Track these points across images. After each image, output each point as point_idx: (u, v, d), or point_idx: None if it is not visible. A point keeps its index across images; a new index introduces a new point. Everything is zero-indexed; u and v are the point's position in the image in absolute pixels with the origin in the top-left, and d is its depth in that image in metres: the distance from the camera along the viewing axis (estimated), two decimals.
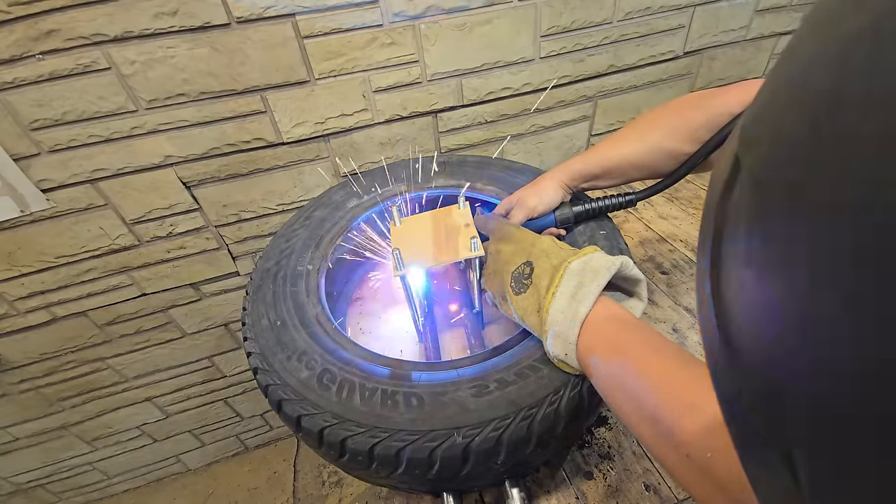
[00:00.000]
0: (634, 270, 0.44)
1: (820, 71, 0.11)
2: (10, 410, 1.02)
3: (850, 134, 0.09)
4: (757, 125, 0.13)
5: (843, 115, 0.09)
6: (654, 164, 0.53)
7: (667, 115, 0.52)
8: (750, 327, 0.12)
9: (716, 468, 0.27)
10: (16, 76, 0.65)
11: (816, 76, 0.11)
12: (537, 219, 0.58)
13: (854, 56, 0.09)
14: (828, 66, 0.10)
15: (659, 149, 0.51)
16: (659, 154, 0.52)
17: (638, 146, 0.53)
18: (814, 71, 0.11)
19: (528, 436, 0.42)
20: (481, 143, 0.99)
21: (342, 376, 0.47)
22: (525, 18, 0.85)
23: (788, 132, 0.11)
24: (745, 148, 0.13)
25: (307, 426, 0.44)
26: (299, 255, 0.63)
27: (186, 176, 0.82)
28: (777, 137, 0.12)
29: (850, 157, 0.09)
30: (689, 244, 0.85)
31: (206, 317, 1.04)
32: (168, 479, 1.40)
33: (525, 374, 0.45)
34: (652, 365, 0.35)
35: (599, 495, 0.53)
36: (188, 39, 0.69)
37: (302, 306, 0.56)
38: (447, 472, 0.42)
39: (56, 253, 0.83)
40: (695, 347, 0.66)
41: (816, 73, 0.11)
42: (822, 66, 0.11)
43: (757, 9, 1.02)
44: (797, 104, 0.11)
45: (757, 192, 0.12)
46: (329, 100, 0.82)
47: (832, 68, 0.10)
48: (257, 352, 0.51)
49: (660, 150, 0.51)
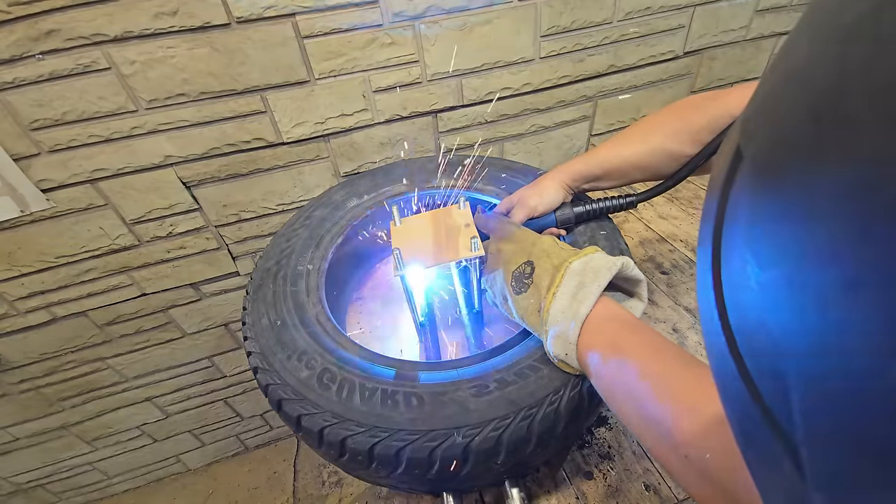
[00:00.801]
0: (635, 271, 0.44)
1: (821, 58, 0.11)
2: (10, 410, 1.02)
3: (853, 118, 0.09)
4: (759, 115, 0.13)
5: (846, 102, 0.09)
6: (655, 165, 0.53)
7: (668, 117, 0.52)
8: (754, 315, 0.12)
9: (715, 469, 0.27)
10: (16, 76, 0.65)
11: (817, 64, 0.11)
12: (538, 218, 0.58)
13: (855, 42, 0.09)
14: (828, 53, 0.10)
15: (661, 150, 0.51)
16: (661, 155, 0.52)
17: (640, 147, 0.53)
18: (815, 59, 0.11)
19: (528, 436, 0.42)
20: (481, 143, 0.99)
21: (342, 376, 0.47)
22: (525, 18, 0.84)
23: (791, 119, 0.11)
24: (748, 138, 0.13)
25: (307, 426, 0.44)
26: (300, 255, 0.63)
27: (186, 176, 0.82)
28: (779, 125, 0.12)
29: (853, 141, 0.09)
30: (689, 244, 0.85)
31: (206, 317, 1.04)
32: (168, 479, 1.40)
33: (525, 375, 0.45)
34: (652, 366, 0.35)
35: (599, 495, 0.53)
36: (188, 39, 0.69)
37: (302, 306, 0.56)
38: (447, 472, 0.42)
39: (56, 253, 0.83)
40: (695, 347, 0.66)
41: (817, 61, 0.11)
42: (823, 53, 0.11)
43: (757, 9, 1.02)
44: (799, 92, 0.11)
45: (759, 180, 0.12)
46: (329, 100, 0.82)
47: (833, 55, 0.10)
48: (257, 351, 0.51)
49: (661, 152, 0.52)
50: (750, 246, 0.12)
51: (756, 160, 0.13)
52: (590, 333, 0.40)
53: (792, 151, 0.11)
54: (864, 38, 0.09)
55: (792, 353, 0.10)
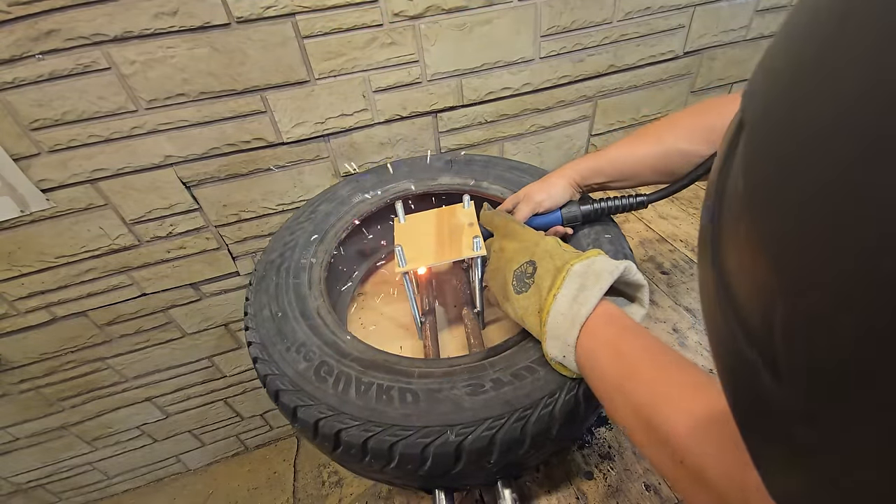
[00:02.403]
0: (637, 275, 0.44)
1: (816, 23, 0.11)
2: (10, 410, 1.02)
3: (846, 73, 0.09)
4: (758, 83, 0.13)
5: (840, 56, 0.09)
6: (668, 165, 0.52)
7: (682, 117, 0.52)
8: (752, 281, 0.12)
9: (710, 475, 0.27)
10: (16, 76, 0.65)
11: (815, 30, 0.11)
12: (543, 214, 0.57)
13: (849, 9, 0.10)
14: (824, 14, 0.11)
15: (675, 150, 0.51)
16: (674, 156, 0.51)
17: (653, 147, 0.52)
18: (812, 28, 0.11)
19: (522, 437, 0.42)
20: (481, 143, 0.99)
21: (339, 369, 0.47)
22: (525, 18, 0.85)
23: (787, 83, 0.12)
24: (749, 102, 0.13)
25: (303, 417, 0.44)
26: (303, 248, 0.64)
27: (186, 176, 0.82)
28: (778, 88, 0.12)
29: (846, 96, 0.09)
30: (689, 244, 0.85)
31: (206, 317, 1.04)
32: (168, 479, 1.40)
33: (521, 375, 0.45)
34: (650, 371, 0.35)
35: (600, 495, 0.53)
36: (188, 39, 0.69)
37: (304, 298, 0.56)
38: (439, 469, 0.42)
39: (56, 253, 0.83)
40: (695, 347, 0.66)
41: (814, 28, 0.11)
42: (819, 21, 0.11)
43: (757, 9, 1.02)
44: (797, 57, 0.11)
45: (758, 142, 0.12)
46: (329, 100, 0.82)
47: (830, 17, 0.10)
48: (257, 342, 0.52)
49: (675, 152, 0.51)
50: (748, 206, 0.12)
51: (754, 125, 0.13)
52: (589, 336, 0.40)
53: (787, 114, 0.11)
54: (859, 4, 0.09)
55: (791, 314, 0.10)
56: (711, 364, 0.63)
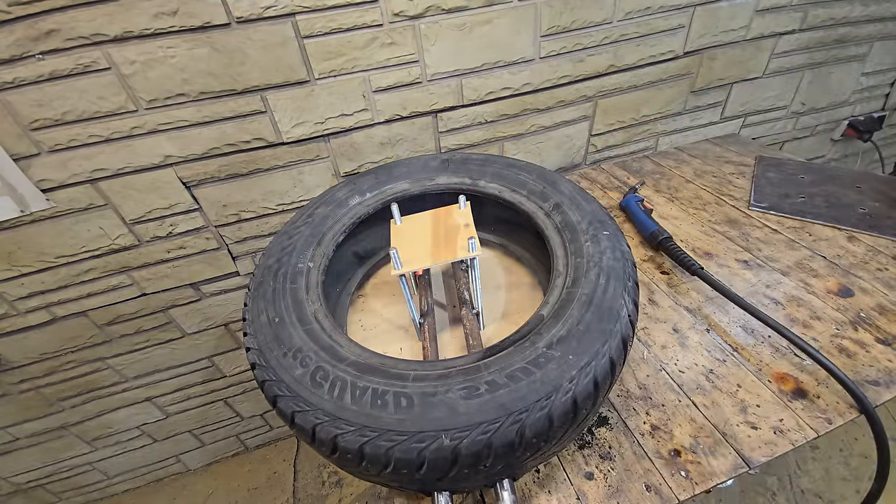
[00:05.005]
0: None
1: None
2: (10, 410, 1.02)
3: None
4: None
5: None
6: None
7: None
8: None
9: None
10: (16, 76, 0.65)
11: None
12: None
13: None
14: None
15: None
16: None
17: None
18: None
19: (518, 441, 0.41)
20: (481, 143, 0.99)
21: (335, 374, 0.47)
22: (525, 18, 0.85)
23: None
24: None
25: (300, 423, 0.44)
26: (300, 253, 0.64)
27: (186, 176, 0.82)
28: None
29: None
30: (689, 244, 0.84)
31: (206, 317, 1.04)
32: (168, 479, 1.40)
33: (517, 377, 0.44)
34: None
35: (600, 495, 0.53)
36: (188, 39, 0.69)
37: (300, 303, 0.56)
38: (435, 474, 0.42)
39: (56, 253, 0.83)
40: (695, 347, 0.66)
41: None
42: None
43: (757, 9, 1.02)
44: None
45: None
46: (329, 100, 0.82)
47: None
48: (255, 347, 0.52)
49: None
50: None
51: None
52: None
53: None
54: None
55: None
56: (711, 364, 0.63)
